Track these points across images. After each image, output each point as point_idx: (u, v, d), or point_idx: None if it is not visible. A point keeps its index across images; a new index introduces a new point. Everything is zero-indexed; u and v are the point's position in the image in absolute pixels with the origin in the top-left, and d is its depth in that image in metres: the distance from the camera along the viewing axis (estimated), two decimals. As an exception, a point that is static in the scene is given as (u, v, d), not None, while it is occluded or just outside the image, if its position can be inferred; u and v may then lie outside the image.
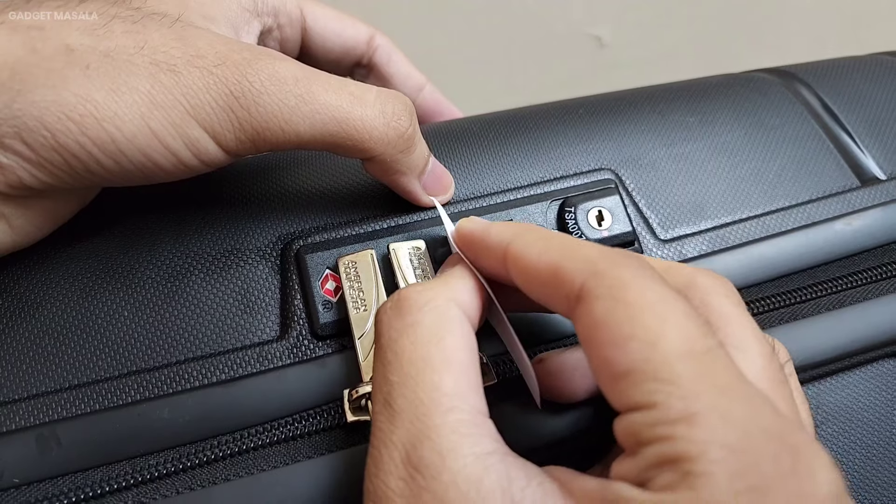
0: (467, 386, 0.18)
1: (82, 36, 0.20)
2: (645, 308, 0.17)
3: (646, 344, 0.16)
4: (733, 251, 0.28)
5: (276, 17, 0.27)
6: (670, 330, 0.16)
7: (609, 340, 0.17)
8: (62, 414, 0.22)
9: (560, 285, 0.18)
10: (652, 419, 0.16)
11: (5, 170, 0.20)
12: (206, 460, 0.22)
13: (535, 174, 0.29)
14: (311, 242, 0.26)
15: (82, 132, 0.19)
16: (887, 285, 0.27)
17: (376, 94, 0.23)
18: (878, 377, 0.26)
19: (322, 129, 0.22)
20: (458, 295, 0.20)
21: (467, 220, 0.23)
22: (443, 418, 0.17)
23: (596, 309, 0.17)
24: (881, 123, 0.33)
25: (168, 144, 0.20)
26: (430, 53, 0.65)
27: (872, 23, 0.82)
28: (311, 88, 0.21)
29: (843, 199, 0.30)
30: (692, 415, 0.15)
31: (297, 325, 0.24)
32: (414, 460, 0.17)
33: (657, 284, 0.17)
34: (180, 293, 0.24)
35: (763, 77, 0.35)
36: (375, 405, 0.19)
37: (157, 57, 0.20)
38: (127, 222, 0.25)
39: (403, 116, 0.23)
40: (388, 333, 0.19)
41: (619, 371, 0.16)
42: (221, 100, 0.20)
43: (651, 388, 0.16)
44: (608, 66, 0.78)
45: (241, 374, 0.23)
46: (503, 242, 0.20)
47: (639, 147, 0.31)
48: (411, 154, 0.24)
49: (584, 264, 0.18)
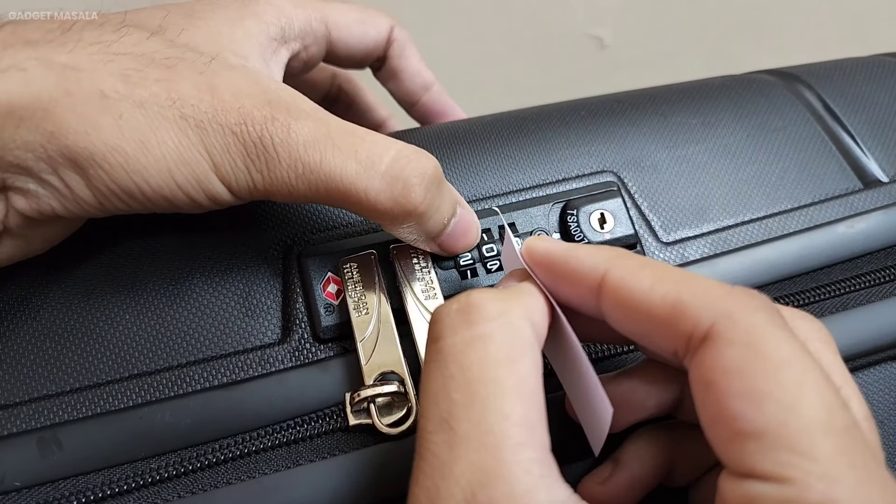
0: (537, 418, 0.17)
1: (117, 82, 0.20)
2: (782, 365, 0.15)
3: (784, 407, 0.15)
4: (736, 254, 0.28)
5: (302, 41, 0.27)
6: (811, 396, 0.15)
7: (739, 392, 0.15)
8: (63, 417, 0.22)
9: (678, 322, 0.17)
10: (786, 497, 0.14)
11: (41, 200, 0.20)
12: (208, 463, 0.22)
13: (536, 176, 0.29)
14: (313, 245, 0.26)
15: (112, 179, 0.20)
16: (891, 288, 0.27)
17: (391, 161, 0.21)
18: (883, 380, 0.26)
19: (326, 195, 0.21)
20: (531, 313, 0.18)
21: (539, 238, 0.21)
22: (515, 455, 0.15)
23: (728, 355, 0.16)
24: (884, 125, 0.33)
25: (188, 193, 0.21)
26: (431, 53, 0.65)
27: (875, 24, 0.82)
28: (321, 154, 0.21)
29: (845, 201, 0.30)
30: (833, 501, 0.14)
31: (298, 328, 0.24)
32: (482, 501, 0.15)
33: (792, 337, 0.16)
34: (182, 296, 0.24)
35: (765, 78, 0.35)
36: (429, 422, 0.17)
37: (185, 111, 0.20)
38: (129, 226, 0.25)
39: (416, 190, 0.21)
40: (452, 339, 0.17)
41: (746, 429, 0.15)
42: (241, 161, 0.21)
43: (787, 460, 0.14)
44: (609, 67, 0.78)
45: (242, 378, 0.23)
46: (598, 268, 0.18)
47: (641, 149, 0.30)
48: (420, 227, 0.23)
49: (711, 301, 0.16)
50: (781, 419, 0.15)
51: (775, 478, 0.14)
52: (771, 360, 0.15)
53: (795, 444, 0.14)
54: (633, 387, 0.20)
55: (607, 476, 0.21)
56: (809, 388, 0.15)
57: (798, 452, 0.14)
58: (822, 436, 0.14)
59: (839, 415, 0.15)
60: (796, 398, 0.15)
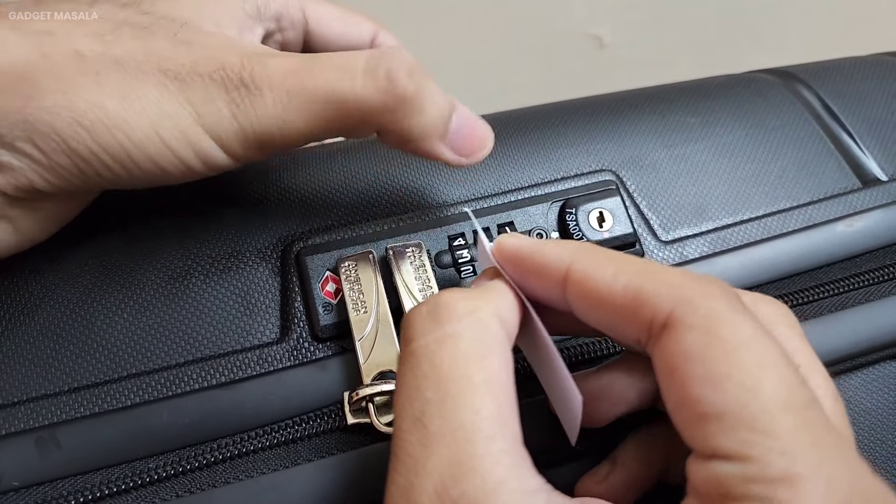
0: (509, 411, 0.17)
1: (92, 42, 0.20)
2: (740, 346, 0.15)
3: (743, 387, 0.15)
4: (734, 253, 0.28)
5: (278, 22, 0.27)
6: (769, 375, 0.15)
7: (700, 376, 0.15)
8: (62, 417, 0.22)
9: (639, 312, 0.17)
10: (747, 474, 0.14)
11: (17, 172, 0.20)
12: (206, 463, 0.22)
13: (535, 175, 0.29)
14: (312, 244, 0.26)
15: (93, 138, 0.19)
16: (890, 287, 0.27)
17: (366, 60, 0.21)
18: (881, 379, 0.26)
19: (317, 116, 0.21)
20: (501, 310, 0.19)
21: (510, 235, 0.21)
22: (486, 447, 0.16)
23: (687, 340, 0.16)
24: (882, 124, 0.33)
25: (176, 151, 0.20)
26: (430, 53, 0.65)
27: (874, 23, 0.82)
28: (300, 78, 0.21)
29: (844, 200, 0.30)
30: (795, 476, 0.14)
31: (297, 327, 0.24)
32: (454, 495, 0.15)
33: (751, 320, 0.16)
34: (180, 295, 0.24)
35: (764, 77, 0.35)
36: (403, 421, 0.17)
37: (163, 64, 0.20)
38: (127, 223, 0.25)
39: (400, 76, 0.21)
40: (423, 340, 0.18)
41: (708, 411, 0.15)
42: (225, 108, 0.20)
43: (747, 438, 0.15)
44: (608, 66, 0.78)
45: (241, 377, 0.23)
46: (563, 263, 0.19)
47: (640, 148, 0.30)
48: (422, 115, 0.22)
49: (670, 290, 0.17)
50: (741, 400, 0.15)
51: (737, 456, 0.15)
52: (729, 343, 0.15)
53: (756, 423, 0.15)
54: (613, 379, 0.20)
55: (605, 475, 0.21)
56: (768, 368, 0.15)
57: (758, 431, 0.14)
58: (782, 414, 0.15)
59: (799, 393, 0.15)
60: (755, 379, 0.15)
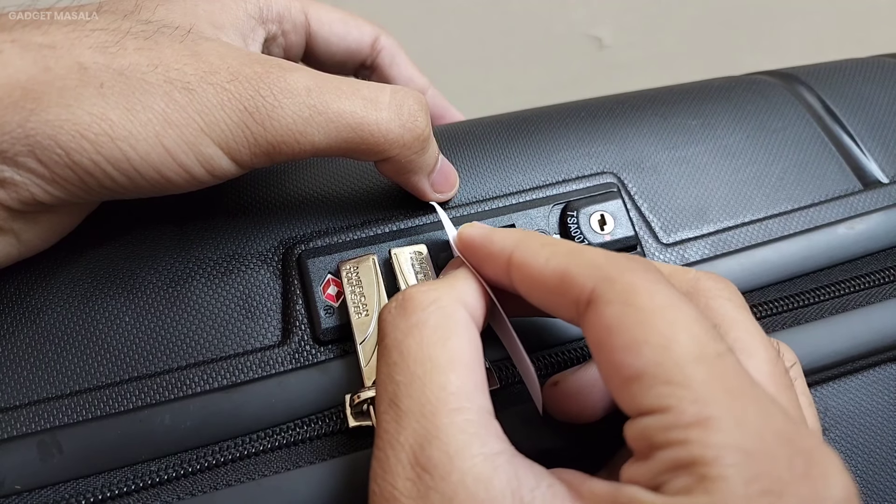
0: (474, 386, 0.18)
1: (95, 54, 0.20)
2: (655, 312, 0.17)
3: (657, 348, 0.16)
4: (736, 255, 0.28)
5: (280, 24, 0.27)
6: (681, 334, 0.16)
7: (620, 345, 0.17)
8: (64, 420, 0.22)
9: (567, 291, 0.18)
10: (665, 423, 0.16)
11: (19, 187, 0.20)
12: (208, 466, 0.22)
13: (536, 178, 0.29)
14: (313, 247, 0.26)
15: (97, 150, 0.19)
16: (891, 289, 0.27)
17: (391, 95, 0.23)
18: (882, 381, 0.26)
19: (337, 136, 0.22)
20: (463, 296, 0.20)
21: (469, 225, 0.23)
22: (450, 418, 0.17)
23: (607, 314, 0.17)
24: (883, 126, 0.33)
25: (181, 162, 0.20)
26: (430, 54, 0.65)
27: (874, 24, 0.82)
28: (324, 98, 0.21)
29: (845, 202, 0.30)
30: (706, 419, 0.15)
31: (298, 330, 0.24)
32: (422, 461, 0.17)
33: (666, 288, 0.17)
34: (182, 298, 0.24)
35: (764, 79, 0.35)
36: (380, 406, 0.18)
37: (170, 74, 0.20)
38: (128, 227, 0.25)
39: (419, 117, 0.23)
40: (393, 334, 0.19)
41: (630, 375, 0.16)
42: (236, 116, 0.20)
43: (663, 392, 0.16)
44: (609, 68, 0.78)
45: (242, 380, 0.23)
46: (506, 250, 0.20)
47: (641, 150, 0.30)
48: (425, 154, 0.24)
49: (593, 269, 0.18)
50: (656, 359, 0.16)
51: (657, 409, 0.16)
52: (645, 310, 0.17)
53: (670, 378, 0.16)
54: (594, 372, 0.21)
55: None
56: (680, 326, 0.16)
57: (673, 384, 0.16)
58: (694, 366, 0.16)
59: (711, 346, 0.16)
60: (668, 338, 0.16)
